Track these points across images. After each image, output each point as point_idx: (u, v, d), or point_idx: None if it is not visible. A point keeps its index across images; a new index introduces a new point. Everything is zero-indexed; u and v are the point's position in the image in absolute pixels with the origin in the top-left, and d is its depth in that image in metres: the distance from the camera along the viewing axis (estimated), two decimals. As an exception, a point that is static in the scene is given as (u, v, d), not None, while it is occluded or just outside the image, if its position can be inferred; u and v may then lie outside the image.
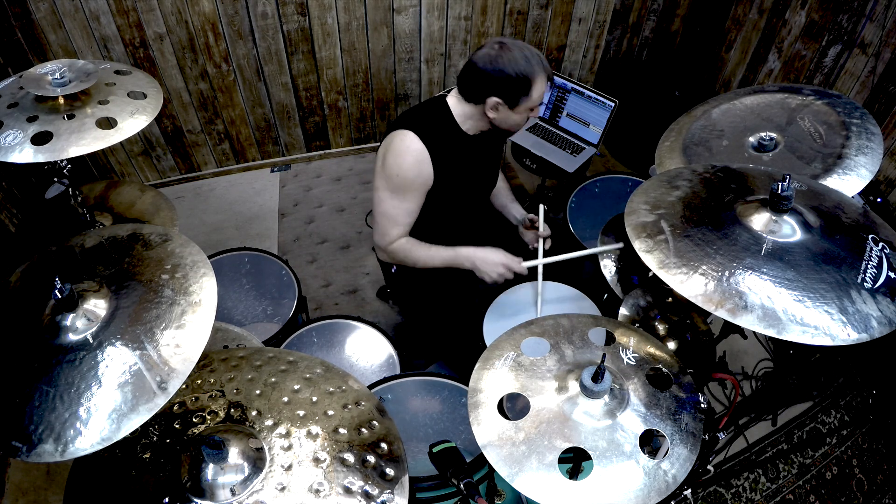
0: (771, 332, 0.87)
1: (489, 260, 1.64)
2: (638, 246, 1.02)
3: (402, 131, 1.58)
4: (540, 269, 1.69)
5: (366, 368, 1.85)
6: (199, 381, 1.07)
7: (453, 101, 1.63)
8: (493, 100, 1.53)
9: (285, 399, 1.03)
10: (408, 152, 1.56)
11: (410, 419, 1.62)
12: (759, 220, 1.02)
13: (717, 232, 1.01)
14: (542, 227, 1.77)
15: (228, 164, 3.19)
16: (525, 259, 1.66)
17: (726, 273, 0.94)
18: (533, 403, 0.98)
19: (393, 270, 1.88)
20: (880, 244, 0.97)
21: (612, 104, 2.61)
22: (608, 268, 1.75)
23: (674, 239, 1.01)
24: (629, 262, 1.74)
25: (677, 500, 1.28)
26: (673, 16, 3.21)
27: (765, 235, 0.99)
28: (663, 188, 1.16)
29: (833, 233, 1.00)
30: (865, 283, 0.91)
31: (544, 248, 1.73)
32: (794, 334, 0.86)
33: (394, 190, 1.62)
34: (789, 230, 1.00)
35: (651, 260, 0.99)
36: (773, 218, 1.01)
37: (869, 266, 0.93)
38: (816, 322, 0.87)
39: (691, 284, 0.94)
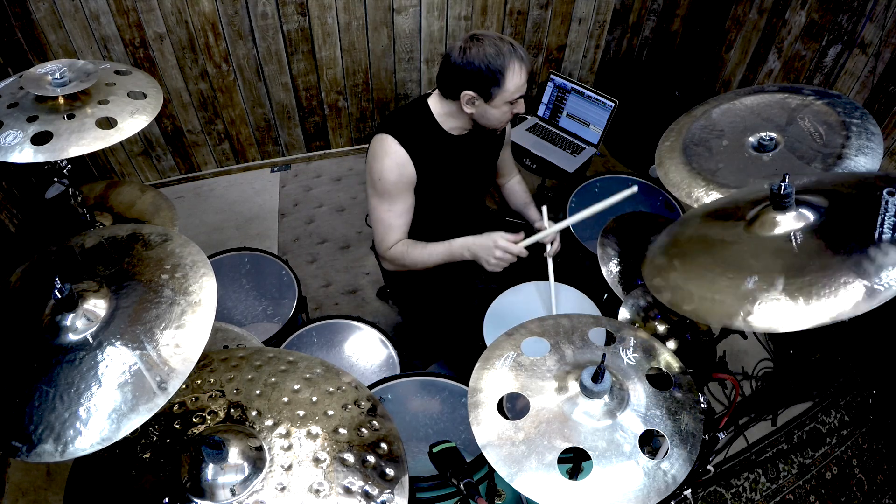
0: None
1: (485, 244, 1.58)
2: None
3: (379, 136, 1.58)
4: (550, 267, 1.65)
5: (366, 368, 1.85)
6: (199, 381, 1.06)
7: (434, 100, 1.62)
8: (468, 94, 1.51)
9: (285, 399, 1.03)
10: (386, 156, 1.56)
11: (410, 419, 1.61)
12: (784, 225, 1.01)
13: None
14: (546, 222, 1.73)
15: (228, 164, 3.19)
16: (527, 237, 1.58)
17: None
18: (533, 403, 0.98)
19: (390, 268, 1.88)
20: None
21: (612, 104, 2.61)
22: (609, 268, 1.75)
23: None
24: (630, 264, 1.74)
25: (677, 500, 1.28)
26: (673, 16, 3.21)
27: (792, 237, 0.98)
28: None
29: (841, 206, 0.99)
30: (884, 235, 0.89)
31: (553, 250, 1.68)
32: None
33: (381, 195, 1.62)
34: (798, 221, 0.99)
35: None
36: (777, 217, 1.01)
37: (886, 217, 0.92)
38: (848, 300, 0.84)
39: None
